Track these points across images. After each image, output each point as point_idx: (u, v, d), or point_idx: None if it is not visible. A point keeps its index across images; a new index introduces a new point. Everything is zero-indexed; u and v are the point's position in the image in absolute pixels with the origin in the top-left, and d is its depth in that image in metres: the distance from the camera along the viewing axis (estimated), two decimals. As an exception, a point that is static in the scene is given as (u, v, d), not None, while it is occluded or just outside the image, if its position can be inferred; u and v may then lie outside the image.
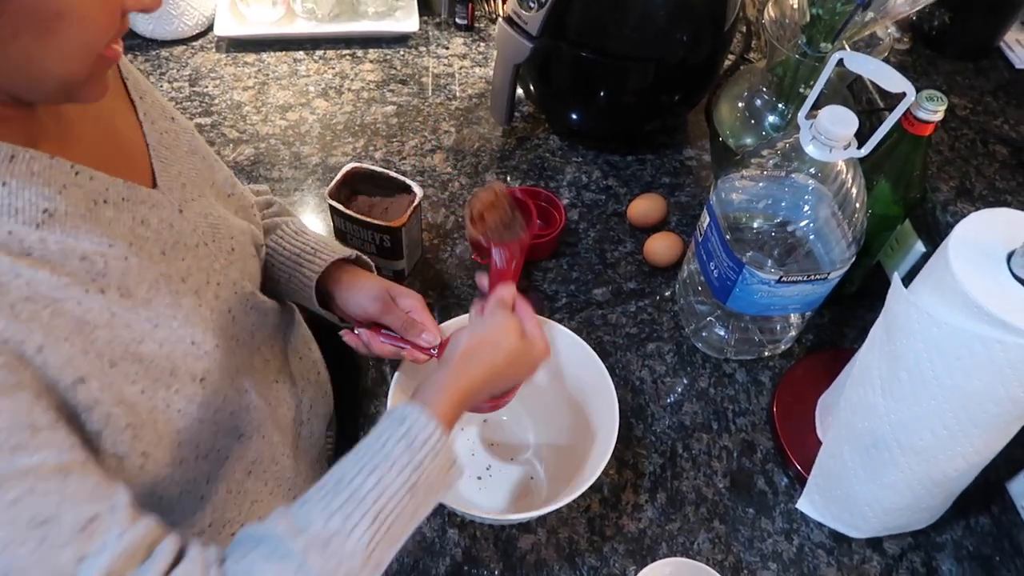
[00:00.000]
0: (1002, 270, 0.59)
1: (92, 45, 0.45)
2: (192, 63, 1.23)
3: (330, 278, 0.76)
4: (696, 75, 1.06)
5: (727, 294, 0.83)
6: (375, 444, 0.54)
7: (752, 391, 0.90)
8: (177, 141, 0.64)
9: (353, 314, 0.75)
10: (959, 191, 0.89)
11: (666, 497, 0.81)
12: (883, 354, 0.68)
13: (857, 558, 0.78)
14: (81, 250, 0.49)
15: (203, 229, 0.62)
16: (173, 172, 0.61)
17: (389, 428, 0.55)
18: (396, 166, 1.10)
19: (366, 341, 0.73)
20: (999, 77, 1.05)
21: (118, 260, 0.52)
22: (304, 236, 0.78)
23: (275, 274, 0.77)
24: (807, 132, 0.72)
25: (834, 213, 0.76)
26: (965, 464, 0.68)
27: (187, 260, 0.59)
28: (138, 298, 0.53)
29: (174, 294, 0.56)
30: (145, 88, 0.64)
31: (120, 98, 0.61)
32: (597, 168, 1.12)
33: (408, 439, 0.54)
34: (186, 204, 0.61)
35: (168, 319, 0.55)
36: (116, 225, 0.53)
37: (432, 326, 0.72)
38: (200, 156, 0.67)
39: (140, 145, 0.60)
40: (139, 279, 0.53)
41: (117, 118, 0.59)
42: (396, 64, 1.25)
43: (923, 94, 0.74)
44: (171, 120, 0.65)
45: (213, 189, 0.68)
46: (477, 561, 0.76)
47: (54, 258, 0.48)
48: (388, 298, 0.73)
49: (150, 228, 0.56)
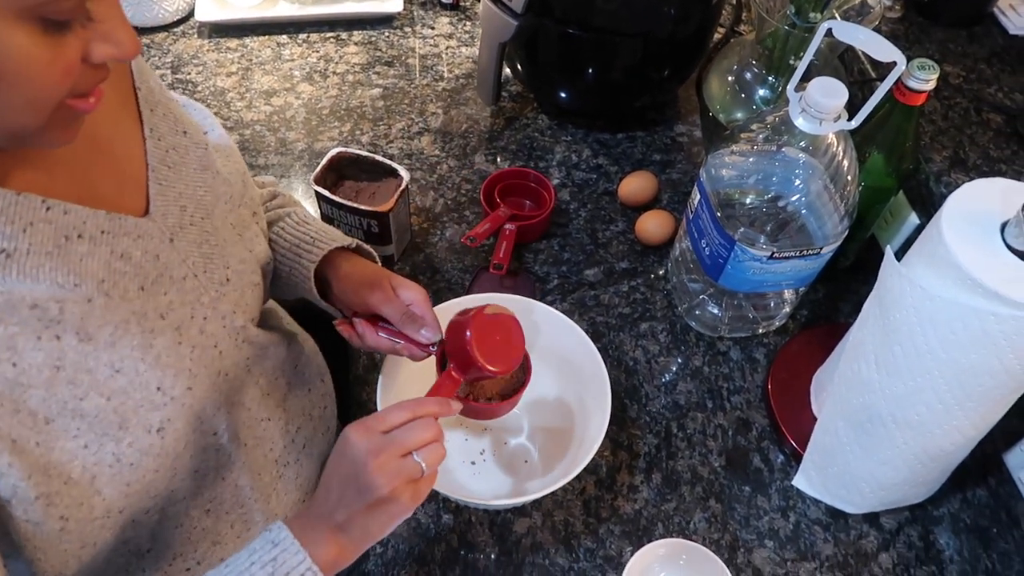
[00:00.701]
0: (996, 241, 0.58)
1: (41, 101, 0.42)
2: (174, 50, 1.21)
3: (329, 267, 0.73)
4: (685, 49, 1.04)
5: (719, 272, 0.82)
6: (243, 563, 0.53)
7: (747, 369, 0.89)
8: (185, 158, 0.60)
9: (351, 304, 0.71)
10: (953, 161, 0.88)
11: (661, 477, 0.81)
12: (877, 329, 0.67)
13: (854, 533, 0.78)
14: (32, 298, 0.47)
15: (194, 259, 0.59)
16: (172, 194, 0.58)
17: (260, 550, 0.53)
18: (383, 150, 1.09)
19: (360, 331, 0.69)
20: (993, 44, 1.04)
21: (78, 303, 0.49)
22: (306, 226, 0.75)
23: (278, 268, 0.74)
24: (796, 105, 0.70)
25: (826, 186, 0.75)
26: (961, 438, 0.67)
27: (170, 294, 0.56)
28: (100, 341, 0.51)
29: (147, 333, 0.54)
30: (159, 99, 0.60)
31: (127, 112, 0.57)
32: (587, 146, 1.11)
33: (273, 566, 0.53)
34: (180, 231, 0.58)
35: (135, 361, 0.53)
36: (89, 261, 0.50)
37: (432, 322, 0.68)
38: (213, 172, 0.63)
39: (139, 166, 0.57)
40: (103, 320, 0.51)
41: (118, 135, 0.56)
42: (381, 46, 1.23)
43: (914, 63, 0.73)
44: (183, 134, 0.61)
45: (228, 206, 0.64)
46: (473, 546, 0.75)
47: (0, 309, 0.46)
48: (388, 287, 0.69)
49: (130, 262, 0.53)
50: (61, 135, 0.46)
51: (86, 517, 0.52)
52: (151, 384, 0.54)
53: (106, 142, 0.55)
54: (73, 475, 0.50)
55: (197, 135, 0.63)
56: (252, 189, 0.70)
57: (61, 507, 0.50)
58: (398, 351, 0.69)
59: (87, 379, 0.50)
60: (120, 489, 0.53)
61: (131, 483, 0.54)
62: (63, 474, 0.50)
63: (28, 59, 0.39)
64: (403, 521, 0.67)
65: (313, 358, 0.81)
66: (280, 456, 0.74)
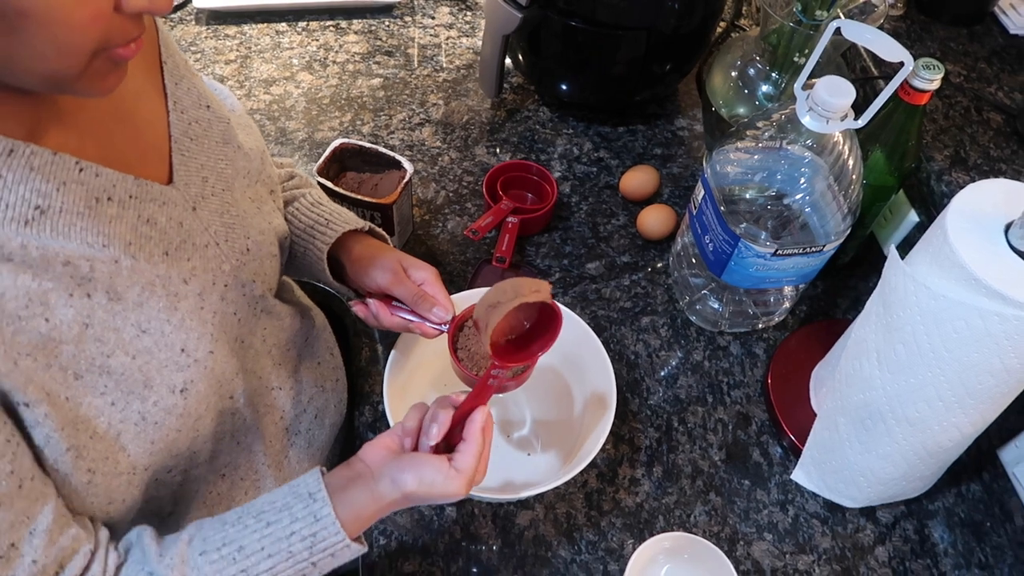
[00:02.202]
0: (1000, 242, 0.59)
1: (72, 46, 0.42)
2: (172, 36, 1.19)
3: (342, 249, 0.74)
4: (687, 43, 1.04)
5: (722, 268, 0.82)
6: (283, 531, 0.56)
7: (747, 363, 0.90)
8: (207, 131, 0.62)
9: (364, 285, 0.73)
10: (953, 160, 0.89)
11: (662, 471, 0.81)
12: (880, 326, 0.68)
13: (851, 527, 0.79)
14: (65, 255, 0.49)
15: (216, 228, 0.61)
16: (194, 165, 0.60)
17: (301, 521, 0.56)
18: (384, 140, 1.08)
19: (375, 312, 0.71)
20: (993, 43, 1.04)
21: (107, 263, 0.51)
22: (320, 208, 0.76)
23: (292, 248, 0.76)
24: (804, 103, 0.71)
25: (830, 185, 0.75)
26: (959, 434, 0.68)
27: (192, 260, 0.58)
28: (128, 301, 0.52)
29: (171, 296, 0.55)
30: (184, 73, 0.62)
31: (151, 83, 0.59)
32: (588, 140, 1.11)
33: (311, 541, 0.56)
34: (203, 200, 0.60)
35: (161, 323, 0.54)
36: (117, 224, 0.52)
37: (444, 300, 0.70)
38: (234, 147, 0.65)
39: (162, 136, 0.58)
40: (130, 282, 0.52)
41: (141, 106, 0.57)
42: (381, 35, 1.23)
43: (920, 62, 0.73)
44: (205, 108, 0.62)
45: (247, 180, 0.66)
46: (476, 538, 0.76)
47: (35, 264, 0.47)
48: (400, 269, 0.71)
49: (156, 227, 0.55)
50: (100, 84, 0.47)
51: (112, 471, 0.54)
52: (176, 345, 0.55)
53: (130, 112, 0.56)
54: (99, 430, 0.52)
55: (220, 110, 0.65)
56: (270, 168, 0.72)
57: (88, 460, 0.52)
58: (411, 329, 0.71)
59: (113, 337, 0.52)
60: (145, 447, 0.55)
61: (155, 441, 0.56)
62: (89, 428, 0.51)
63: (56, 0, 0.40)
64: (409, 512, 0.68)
65: (323, 332, 0.83)
66: (291, 425, 0.76)
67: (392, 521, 0.76)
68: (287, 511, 0.56)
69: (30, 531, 0.49)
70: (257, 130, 0.72)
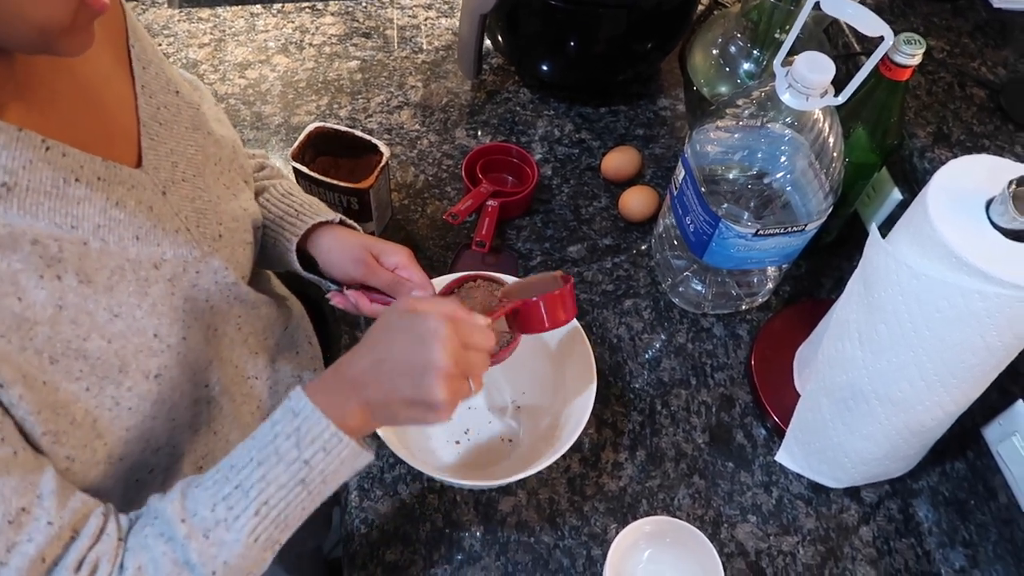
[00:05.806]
0: (981, 218, 0.58)
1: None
2: (144, 20, 1.17)
3: (312, 242, 0.73)
4: (669, 21, 1.02)
5: (704, 249, 0.81)
6: (267, 435, 0.54)
7: (730, 345, 0.89)
8: (176, 117, 0.61)
9: (338, 278, 0.72)
10: (936, 136, 0.88)
11: (646, 454, 0.81)
12: (861, 306, 0.67)
13: (835, 507, 0.79)
14: (32, 233, 0.48)
15: (187, 214, 0.60)
16: (164, 150, 0.59)
17: (282, 420, 0.55)
18: (362, 124, 1.06)
19: (354, 302, 0.70)
20: (976, 17, 1.03)
21: (75, 244, 0.50)
22: (290, 199, 0.75)
23: (263, 239, 0.75)
24: (783, 80, 0.69)
25: (811, 163, 0.74)
26: (942, 413, 0.68)
27: (163, 246, 0.57)
28: (99, 284, 0.51)
29: (142, 281, 0.54)
30: (152, 58, 0.61)
31: (119, 68, 0.58)
32: (569, 121, 1.09)
33: (296, 436, 0.54)
34: (173, 185, 0.59)
35: (132, 308, 0.53)
36: (86, 205, 0.51)
37: (421, 281, 0.69)
38: (204, 133, 0.64)
39: (131, 120, 0.57)
40: (99, 264, 0.52)
41: (109, 89, 0.56)
42: (358, 16, 1.20)
43: (901, 37, 0.72)
44: (175, 94, 0.62)
45: (218, 168, 0.65)
46: (458, 525, 0.75)
47: (3, 242, 0.46)
48: (370, 259, 0.70)
49: (125, 210, 0.54)
50: (78, 39, 0.46)
51: (90, 459, 0.53)
52: (148, 331, 0.55)
53: (98, 95, 0.55)
54: (77, 417, 0.51)
55: (189, 96, 0.64)
56: (243, 158, 0.71)
57: (68, 447, 0.51)
58: None
59: (88, 320, 0.51)
60: (119, 434, 0.55)
61: (130, 428, 0.55)
62: (69, 415, 0.51)
63: None
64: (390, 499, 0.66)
65: (301, 321, 0.82)
66: (269, 414, 0.74)
67: (373, 509, 0.75)
68: (268, 420, 0.56)
69: (37, 495, 0.48)
70: (228, 121, 0.71)
